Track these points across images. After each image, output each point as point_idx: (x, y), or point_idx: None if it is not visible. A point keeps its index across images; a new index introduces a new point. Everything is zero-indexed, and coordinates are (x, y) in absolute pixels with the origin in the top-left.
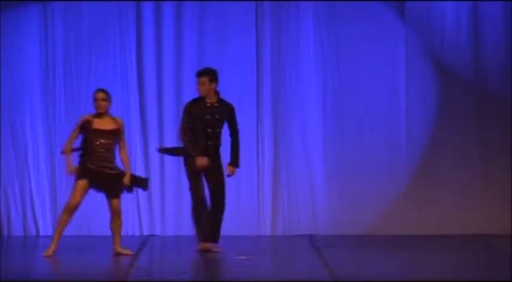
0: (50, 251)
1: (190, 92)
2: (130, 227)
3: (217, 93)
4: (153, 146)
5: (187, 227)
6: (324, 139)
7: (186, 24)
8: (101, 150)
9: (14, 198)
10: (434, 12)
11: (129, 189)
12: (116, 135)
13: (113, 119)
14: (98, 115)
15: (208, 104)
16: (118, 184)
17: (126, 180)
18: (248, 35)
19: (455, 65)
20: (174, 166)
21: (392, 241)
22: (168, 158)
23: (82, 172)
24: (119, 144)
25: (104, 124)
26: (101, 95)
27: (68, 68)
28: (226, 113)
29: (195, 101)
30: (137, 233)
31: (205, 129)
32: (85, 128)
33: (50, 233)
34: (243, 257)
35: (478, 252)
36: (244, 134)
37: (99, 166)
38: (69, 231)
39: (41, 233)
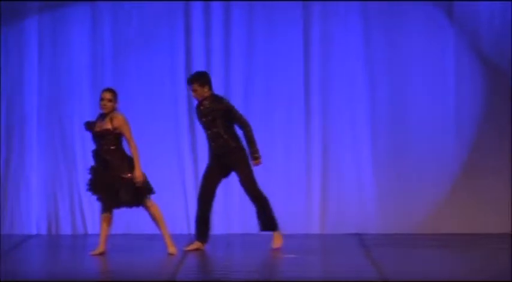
0: (98, 250)
1: (239, 91)
2: (178, 225)
3: (212, 95)
4: (201, 146)
5: (235, 225)
6: (372, 137)
7: (234, 24)
8: (104, 154)
9: (62, 197)
10: (482, 10)
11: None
12: (111, 135)
13: (111, 117)
14: (102, 116)
15: (202, 107)
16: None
17: (136, 176)
18: (296, 34)
19: (502, 62)
20: None
21: (442, 240)
22: None
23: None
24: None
25: (100, 126)
26: (107, 95)
27: (116, 68)
28: (218, 111)
29: (196, 106)
30: (185, 232)
31: (205, 132)
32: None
33: (97, 231)
34: (291, 256)
35: None
36: (292, 132)
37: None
38: (117, 229)
39: (89, 232)
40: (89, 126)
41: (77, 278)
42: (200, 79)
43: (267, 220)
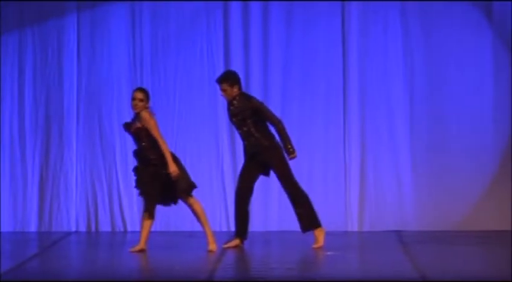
0: (138, 247)
1: (277, 91)
2: (217, 222)
3: (241, 94)
4: (239, 144)
5: (273, 223)
6: (411, 136)
7: (272, 24)
8: (144, 152)
9: (101, 193)
10: None
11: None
12: (143, 133)
13: (139, 116)
14: (135, 116)
15: (232, 107)
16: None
17: (172, 171)
18: (335, 33)
19: None
20: None
21: (481, 237)
22: None
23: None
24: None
25: (134, 125)
26: (138, 95)
27: (155, 67)
28: (247, 110)
29: (227, 106)
30: (224, 229)
31: (238, 131)
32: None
33: (136, 228)
34: (330, 253)
35: None
36: (330, 129)
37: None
38: (156, 227)
39: (128, 229)
40: (126, 126)
41: (115, 275)
42: (229, 79)
43: (308, 218)
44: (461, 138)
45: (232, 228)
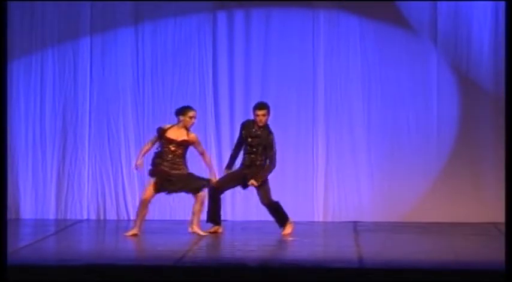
0: (132, 232)
1: (256, 91)
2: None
3: (268, 125)
4: (225, 143)
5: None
6: (368, 144)
7: (253, 31)
8: (170, 155)
9: (109, 188)
10: (461, 35)
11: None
12: (184, 145)
13: (187, 132)
14: (176, 126)
15: (257, 132)
16: (189, 180)
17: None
18: (306, 41)
19: (478, 79)
20: None
21: (423, 227)
22: None
23: (155, 171)
24: (200, 154)
25: (177, 135)
26: (196, 114)
27: (155, 81)
28: (264, 142)
29: (251, 124)
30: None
31: (246, 149)
32: (161, 135)
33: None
34: (291, 239)
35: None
36: (301, 133)
37: (167, 167)
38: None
39: (131, 218)
40: (162, 132)
41: (117, 254)
42: (269, 109)
43: (280, 218)
44: (410, 143)
45: (233, 219)
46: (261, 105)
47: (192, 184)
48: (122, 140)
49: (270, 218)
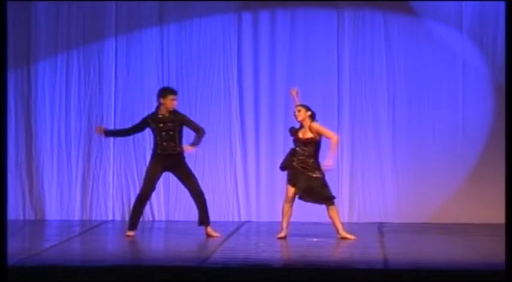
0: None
1: (282, 92)
2: (230, 213)
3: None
4: (248, 148)
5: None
6: (393, 144)
7: (279, 33)
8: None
9: (134, 189)
10: (487, 35)
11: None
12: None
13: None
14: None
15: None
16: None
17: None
18: (331, 40)
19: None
20: (269, 160)
21: (447, 229)
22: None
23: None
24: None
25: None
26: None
27: (180, 82)
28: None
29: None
30: (236, 219)
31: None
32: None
33: (163, 218)
34: (315, 240)
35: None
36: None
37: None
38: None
39: (156, 218)
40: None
41: (140, 254)
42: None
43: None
44: (436, 144)
45: (258, 220)
46: (175, 91)
47: None
48: (146, 141)
49: (294, 219)
